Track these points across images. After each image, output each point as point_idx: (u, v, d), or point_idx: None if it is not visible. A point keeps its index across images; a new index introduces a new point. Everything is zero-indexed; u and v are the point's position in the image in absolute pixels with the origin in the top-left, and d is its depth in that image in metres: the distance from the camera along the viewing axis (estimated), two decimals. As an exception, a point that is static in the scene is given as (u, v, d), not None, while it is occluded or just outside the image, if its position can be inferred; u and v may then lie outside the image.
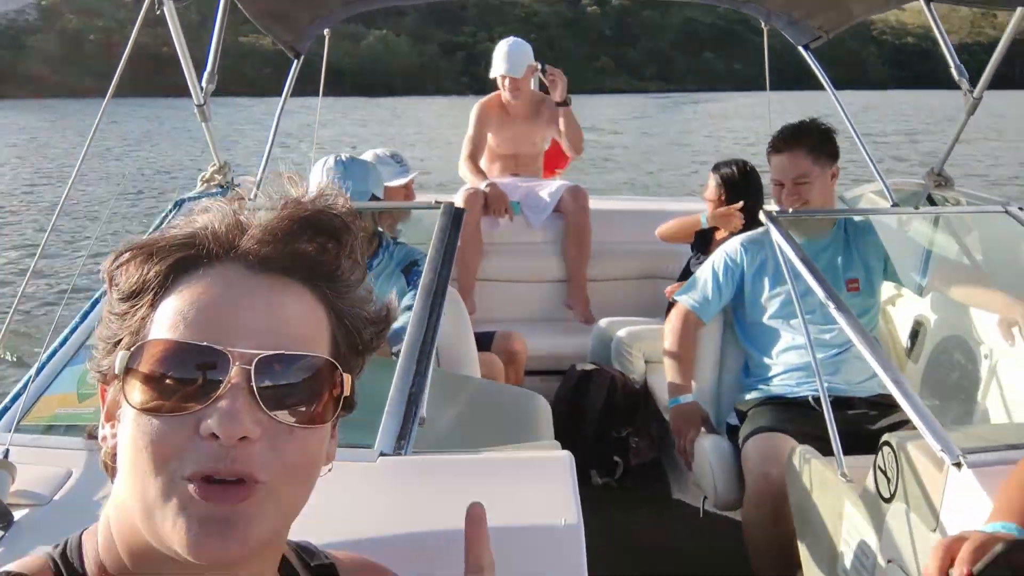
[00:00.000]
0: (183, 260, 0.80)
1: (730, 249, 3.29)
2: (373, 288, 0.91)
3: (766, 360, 3.18)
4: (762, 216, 2.67)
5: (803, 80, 4.16)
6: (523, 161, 5.15)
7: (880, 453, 1.96)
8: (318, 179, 2.95)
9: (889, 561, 1.90)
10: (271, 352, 0.77)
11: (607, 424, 3.97)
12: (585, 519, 3.73)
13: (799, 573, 2.49)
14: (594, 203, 4.98)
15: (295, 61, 3.54)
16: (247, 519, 0.75)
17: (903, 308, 3.49)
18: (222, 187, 2.76)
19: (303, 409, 0.78)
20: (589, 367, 4.07)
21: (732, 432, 3.10)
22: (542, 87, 5.18)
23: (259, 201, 0.88)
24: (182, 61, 2.50)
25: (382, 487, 1.55)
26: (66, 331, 1.99)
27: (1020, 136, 25.64)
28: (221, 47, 2.65)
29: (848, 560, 2.13)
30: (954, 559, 1.29)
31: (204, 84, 2.61)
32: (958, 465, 1.65)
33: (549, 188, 4.90)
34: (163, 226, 2.43)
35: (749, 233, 3.34)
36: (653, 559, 3.35)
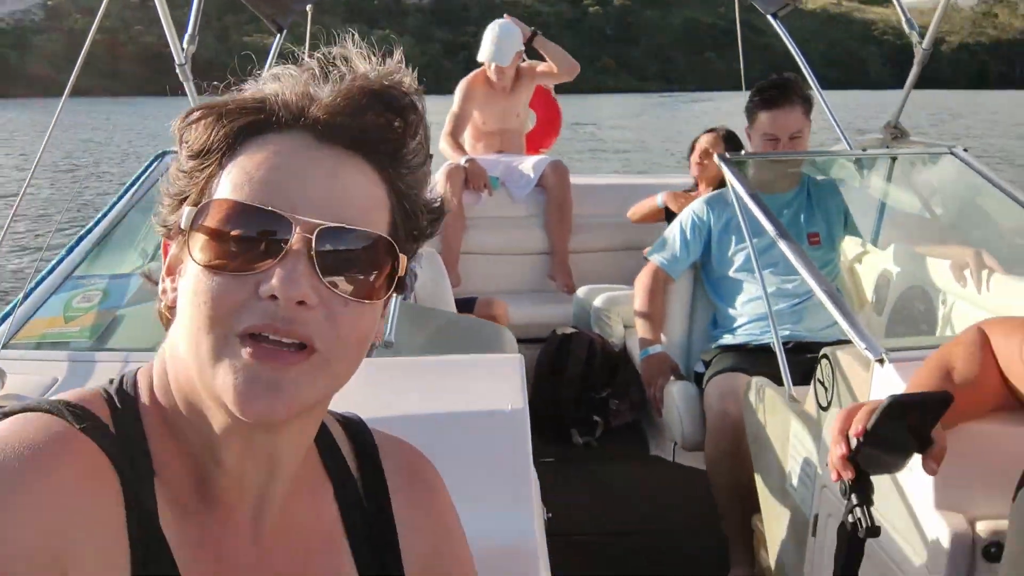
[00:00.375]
0: (252, 124, 0.81)
1: (697, 208, 3.41)
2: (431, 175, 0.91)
3: (731, 311, 3.30)
4: (716, 158, 2.79)
5: (807, 81, 4.24)
6: (508, 137, 5.25)
7: (819, 366, 2.08)
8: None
9: (827, 466, 2.01)
10: (333, 223, 0.78)
11: (587, 385, 4.08)
12: (565, 474, 3.83)
13: (757, 514, 2.60)
14: (575, 179, 5.10)
15: (278, 36, 3.68)
16: (295, 384, 0.77)
17: (868, 264, 3.61)
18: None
19: (360, 282, 0.80)
20: (569, 331, 4.19)
21: (699, 379, 3.23)
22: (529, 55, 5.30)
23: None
24: (163, 21, 2.63)
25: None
26: (52, 262, 2.12)
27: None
28: (202, 11, 2.78)
29: (795, 476, 2.25)
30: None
31: (185, 45, 2.73)
32: (881, 362, 1.78)
33: (531, 163, 5.02)
34: (144, 178, 2.57)
35: (716, 192, 3.46)
36: (628, 508, 3.46)
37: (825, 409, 2.04)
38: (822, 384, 2.06)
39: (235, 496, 0.85)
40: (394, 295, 0.87)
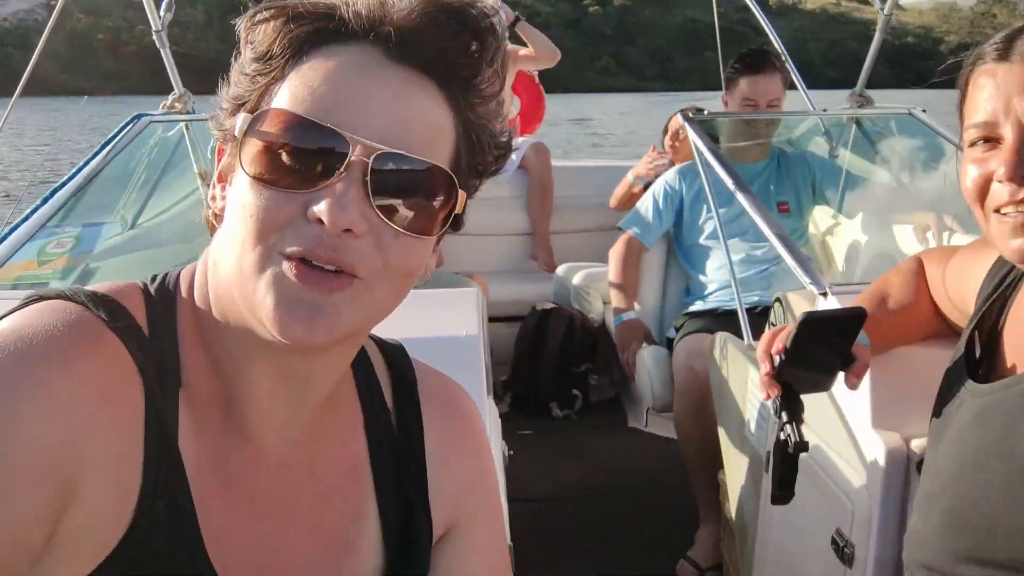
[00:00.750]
0: (321, 31, 0.77)
1: (669, 178, 3.48)
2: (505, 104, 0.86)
3: (703, 278, 3.36)
4: (679, 117, 2.86)
5: (805, 80, 4.29)
6: None
7: (772, 311, 2.14)
8: None
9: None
10: (393, 150, 0.74)
11: (566, 359, 4.14)
12: (544, 444, 3.87)
13: (722, 469, 2.66)
14: (557, 161, 5.17)
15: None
16: (336, 309, 0.74)
17: (838, 234, 3.67)
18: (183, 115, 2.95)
19: (413, 215, 0.76)
20: (549, 306, 4.25)
21: (671, 344, 3.29)
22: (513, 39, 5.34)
23: None
24: None
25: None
26: (27, 212, 2.18)
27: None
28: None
29: (753, 422, 2.30)
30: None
31: (162, 13, 2.79)
32: (824, 295, 1.84)
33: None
34: (119, 138, 2.62)
35: (688, 162, 3.53)
36: (603, 474, 3.52)
37: (777, 351, 2.09)
38: (774, 327, 2.12)
39: (261, 418, 0.82)
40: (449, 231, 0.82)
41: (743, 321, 2.43)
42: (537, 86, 6.04)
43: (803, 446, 1.41)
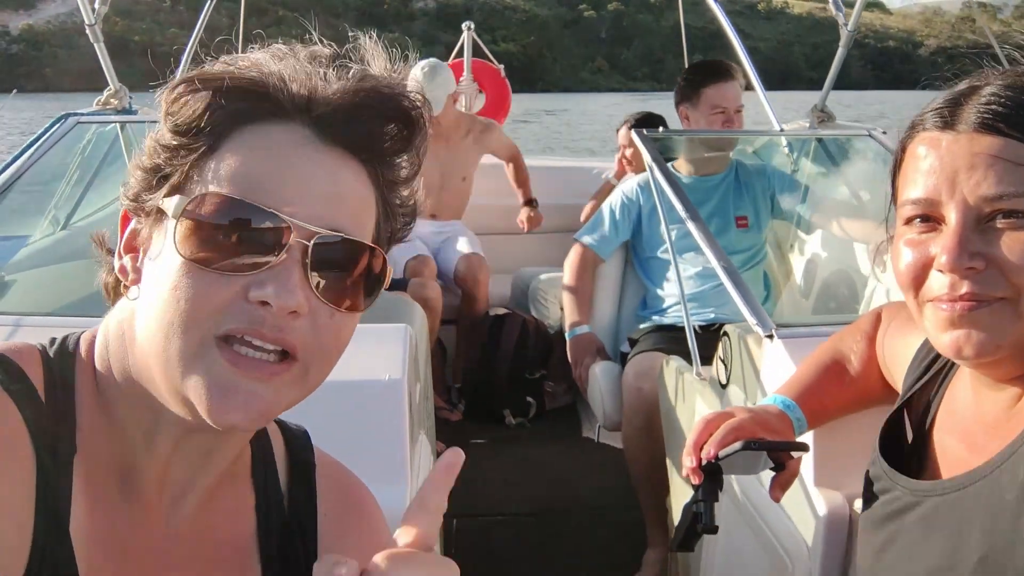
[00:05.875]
0: (252, 109, 0.76)
1: (627, 188, 3.40)
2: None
3: (659, 292, 3.29)
4: (633, 134, 2.78)
5: (788, 82, 4.24)
6: (447, 200, 4.41)
7: (720, 344, 2.07)
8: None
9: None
10: (333, 232, 0.75)
11: (520, 366, 4.07)
12: (496, 457, 3.81)
13: (669, 495, 2.59)
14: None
15: (208, 1, 3.59)
16: (276, 394, 0.74)
17: (798, 249, 3.62)
18: (118, 112, 2.81)
19: (347, 293, 0.77)
20: (502, 311, 4.17)
21: (624, 360, 3.21)
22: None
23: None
24: None
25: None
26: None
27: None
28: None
29: (700, 454, 2.24)
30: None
31: (97, 6, 2.65)
32: (771, 337, 1.76)
33: (456, 245, 4.38)
34: (44, 139, 2.48)
35: (646, 172, 3.44)
36: (553, 488, 3.46)
37: (724, 387, 2.03)
38: (723, 362, 2.05)
39: (157, 488, 0.81)
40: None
41: (692, 346, 2.35)
42: (503, 80, 5.93)
43: (711, 529, 1.33)
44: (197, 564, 0.84)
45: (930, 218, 0.97)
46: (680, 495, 2.41)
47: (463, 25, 5.42)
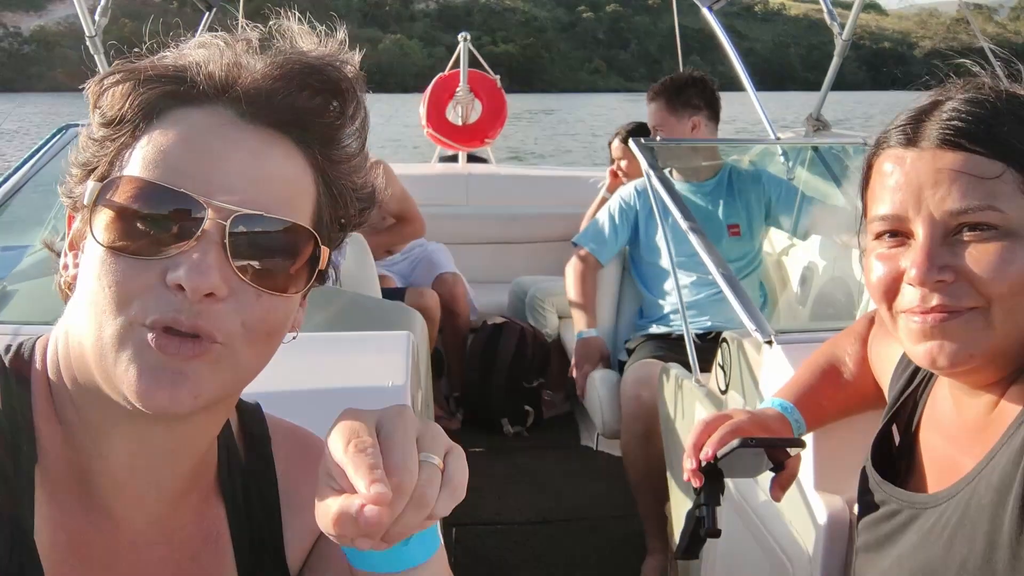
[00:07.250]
0: (170, 94, 0.75)
1: (625, 194, 3.42)
2: (369, 159, 0.86)
3: (659, 301, 3.31)
4: (631, 143, 2.79)
5: (785, 83, 4.27)
6: (386, 240, 4.20)
7: (719, 351, 2.08)
8: None
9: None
10: (250, 211, 0.73)
11: (518, 375, 4.07)
12: (495, 465, 3.80)
13: (668, 503, 2.60)
14: (517, 170, 5.09)
15: (207, 12, 3.61)
16: (199, 375, 0.73)
17: (794, 256, 3.63)
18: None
19: (274, 275, 0.75)
20: (499, 320, 4.17)
21: (623, 367, 3.23)
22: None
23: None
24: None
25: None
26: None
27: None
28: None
29: (699, 460, 2.25)
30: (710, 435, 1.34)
31: (97, 17, 2.66)
32: (770, 343, 1.78)
33: (425, 269, 4.31)
34: (44, 150, 2.49)
35: (644, 178, 3.46)
36: (552, 497, 3.46)
37: (724, 393, 2.04)
38: (722, 368, 2.06)
39: (119, 493, 0.80)
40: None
41: (691, 353, 2.37)
42: (499, 90, 5.94)
43: (715, 533, 1.34)
44: (169, 567, 0.84)
45: (898, 233, 1.00)
46: (680, 503, 2.42)
47: (459, 36, 5.44)
